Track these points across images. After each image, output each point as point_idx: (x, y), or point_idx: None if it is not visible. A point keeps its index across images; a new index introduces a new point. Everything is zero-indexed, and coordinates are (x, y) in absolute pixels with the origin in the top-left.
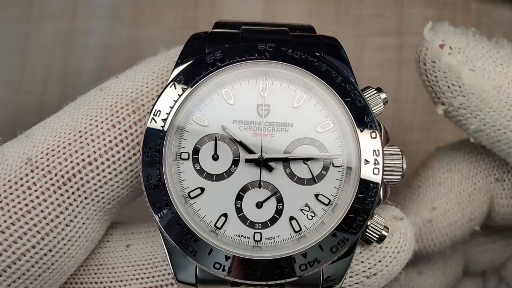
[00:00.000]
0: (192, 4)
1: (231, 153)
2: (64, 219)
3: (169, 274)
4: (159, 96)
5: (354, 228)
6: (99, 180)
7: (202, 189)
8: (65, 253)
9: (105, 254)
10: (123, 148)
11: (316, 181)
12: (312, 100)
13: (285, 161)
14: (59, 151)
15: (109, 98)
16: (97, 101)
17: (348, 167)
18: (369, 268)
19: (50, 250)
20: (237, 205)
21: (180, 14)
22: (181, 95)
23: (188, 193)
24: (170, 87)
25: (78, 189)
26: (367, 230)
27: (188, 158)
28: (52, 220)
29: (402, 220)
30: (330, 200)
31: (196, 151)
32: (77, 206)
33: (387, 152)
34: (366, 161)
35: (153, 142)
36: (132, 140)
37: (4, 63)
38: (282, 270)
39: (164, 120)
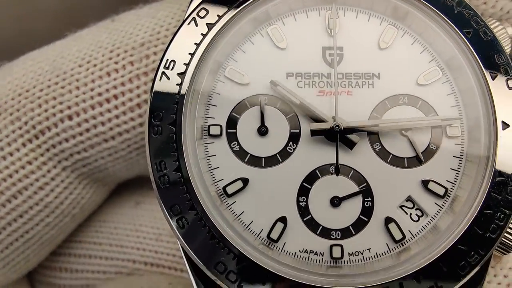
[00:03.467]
0: None
1: (286, 124)
2: (37, 180)
3: (174, 255)
4: (171, 39)
5: (492, 231)
6: (82, 142)
7: (245, 181)
8: (43, 221)
9: (110, 209)
10: (115, 108)
11: (423, 160)
12: (407, 37)
13: (372, 132)
14: (33, 94)
15: (114, 34)
16: (99, 36)
17: (473, 138)
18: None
19: (20, 216)
20: (300, 203)
21: None
22: (206, 35)
23: (224, 188)
24: (189, 24)
25: (54, 146)
26: (507, 232)
27: (221, 134)
28: (19, 180)
29: None
30: (446, 190)
31: (232, 122)
32: (54, 167)
33: None
34: (505, 125)
35: (166, 111)
36: (131, 100)
37: None
38: None
39: (181, 75)
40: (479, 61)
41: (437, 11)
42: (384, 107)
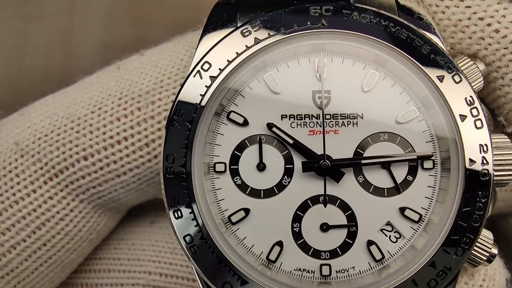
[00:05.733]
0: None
1: (282, 160)
2: (58, 212)
3: (187, 267)
4: (179, 92)
5: (458, 253)
6: (96, 178)
7: (247, 211)
8: (64, 247)
9: (127, 229)
10: (126, 148)
11: (401, 190)
12: (388, 80)
13: (357, 166)
14: (52, 138)
15: (121, 83)
16: (107, 83)
17: (444, 169)
18: None
19: (44, 244)
20: (294, 228)
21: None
22: (210, 86)
23: (229, 217)
24: (194, 76)
25: (71, 183)
26: (473, 250)
27: (225, 171)
28: (43, 213)
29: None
30: (420, 216)
31: (234, 160)
32: (72, 200)
33: (494, 144)
34: (471, 161)
35: (177, 154)
36: (139, 140)
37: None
38: None
39: (190, 122)
40: (450, 105)
41: (413, 60)
42: (367, 144)
